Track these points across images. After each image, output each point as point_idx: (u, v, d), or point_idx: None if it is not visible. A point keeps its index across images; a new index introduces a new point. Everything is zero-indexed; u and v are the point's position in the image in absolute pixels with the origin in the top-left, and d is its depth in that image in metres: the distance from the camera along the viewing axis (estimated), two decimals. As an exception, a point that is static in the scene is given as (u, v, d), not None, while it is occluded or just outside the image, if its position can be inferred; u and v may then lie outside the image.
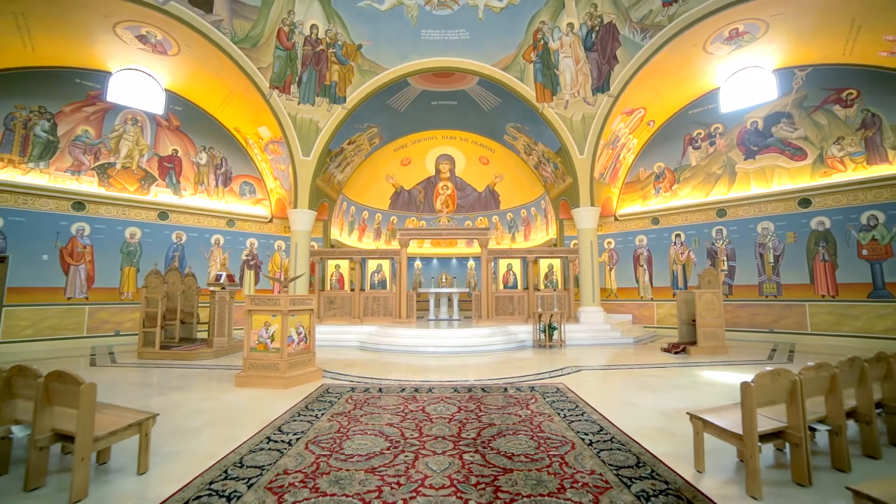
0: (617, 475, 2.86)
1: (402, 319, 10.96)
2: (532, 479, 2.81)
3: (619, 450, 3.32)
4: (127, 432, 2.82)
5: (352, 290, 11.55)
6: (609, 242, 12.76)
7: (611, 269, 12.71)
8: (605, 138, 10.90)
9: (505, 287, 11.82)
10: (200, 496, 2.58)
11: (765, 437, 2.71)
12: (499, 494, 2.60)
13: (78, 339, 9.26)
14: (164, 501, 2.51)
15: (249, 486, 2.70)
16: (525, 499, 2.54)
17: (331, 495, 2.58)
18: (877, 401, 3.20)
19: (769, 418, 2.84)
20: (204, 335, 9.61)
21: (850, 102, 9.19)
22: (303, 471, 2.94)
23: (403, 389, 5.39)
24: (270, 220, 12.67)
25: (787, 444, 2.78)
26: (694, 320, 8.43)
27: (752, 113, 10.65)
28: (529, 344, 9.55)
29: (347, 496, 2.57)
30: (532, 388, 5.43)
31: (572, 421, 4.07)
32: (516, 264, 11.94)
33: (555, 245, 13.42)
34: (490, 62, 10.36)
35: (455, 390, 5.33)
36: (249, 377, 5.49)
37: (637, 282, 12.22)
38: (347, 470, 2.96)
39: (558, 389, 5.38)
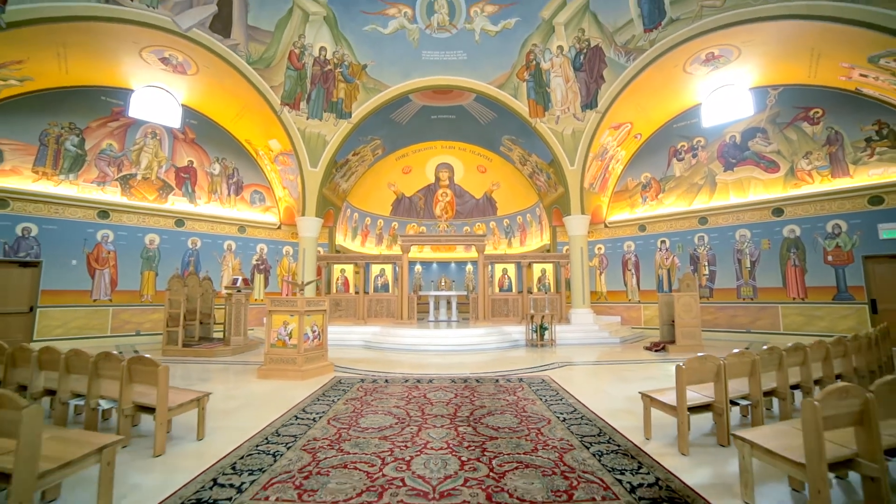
0: (581, 441, 3.58)
1: (404, 320, 11.66)
2: (512, 443, 3.53)
3: (587, 424, 4.04)
4: (190, 405, 3.54)
5: (356, 292, 12.27)
6: (599, 248, 13.49)
7: (601, 274, 13.43)
8: (593, 151, 11.65)
9: (500, 290, 12.55)
10: (251, 454, 3.29)
11: (696, 409, 3.44)
12: (485, 453, 3.32)
13: (103, 339, 9.95)
14: (223, 457, 3.23)
15: (288, 448, 3.42)
16: (505, 455, 3.26)
17: (353, 454, 3.30)
18: (794, 383, 3.93)
19: (701, 395, 3.57)
20: (219, 335, 10.30)
21: (817, 120, 9.95)
22: (328, 438, 3.66)
23: (407, 380, 6.11)
24: (279, 227, 13.39)
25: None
26: (674, 321, 9.15)
27: (730, 128, 11.40)
28: (522, 343, 10.24)
29: (366, 454, 3.29)
30: (520, 380, 6.15)
31: (551, 404, 4.79)
32: (511, 269, 12.67)
33: (548, 251, 14.15)
34: (486, 80, 11.14)
35: (452, 381, 6.04)
36: (270, 370, 6.21)
37: (625, 285, 12.94)
38: (364, 438, 3.67)
39: (543, 381, 6.10)
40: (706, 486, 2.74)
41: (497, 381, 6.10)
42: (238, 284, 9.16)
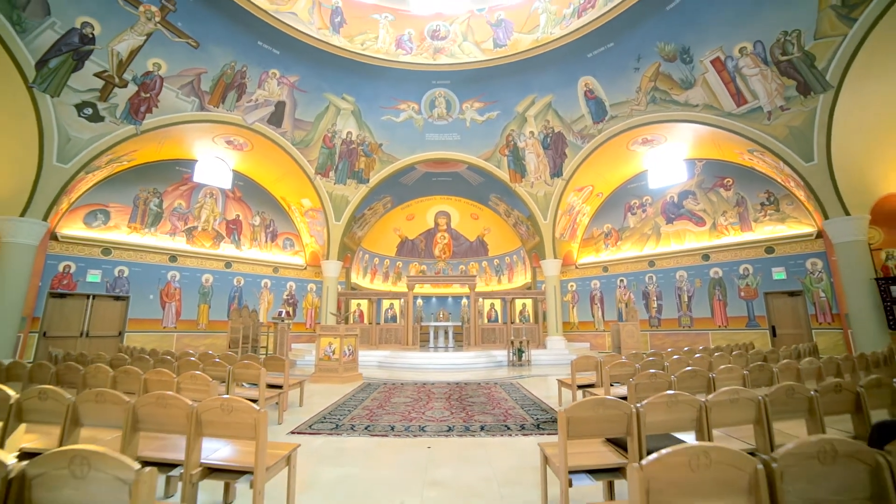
0: (521, 406, 6.18)
1: (409, 346, 14.18)
2: (481, 407, 6.13)
3: (529, 400, 6.64)
4: (297, 385, 6.15)
5: (370, 323, 14.84)
6: (572, 285, 16.19)
7: (573, 307, 16.06)
8: (562, 208, 14.62)
9: (489, 321, 15.16)
10: (335, 411, 5.88)
11: (583, 387, 6.06)
12: (464, 409, 5.93)
13: (169, 359, 12.41)
14: (320, 411, 5.82)
15: (353, 408, 6.01)
16: (476, 411, 5.87)
17: (391, 410, 5.90)
18: (650, 374, 6.54)
19: (588, 379, 6.20)
20: (262, 355, 12.77)
21: (729, 187, 12.95)
22: (374, 406, 6.25)
23: (416, 383, 8.66)
24: (305, 268, 16.12)
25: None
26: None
27: (670, 190, 14.39)
28: (505, 364, 12.75)
29: (398, 411, 5.88)
30: (496, 384, 8.71)
31: (511, 394, 7.37)
32: (498, 303, 15.33)
33: (529, 288, 16.86)
34: (475, 155, 14.25)
35: (448, 384, 8.60)
36: (320, 376, 8.76)
37: (593, 316, 15.56)
38: (395, 405, 6.27)
39: (512, 384, 8.66)
40: (576, 418, 5.35)
41: (479, 384, 8.67)
42: (283, 316, 11.78)
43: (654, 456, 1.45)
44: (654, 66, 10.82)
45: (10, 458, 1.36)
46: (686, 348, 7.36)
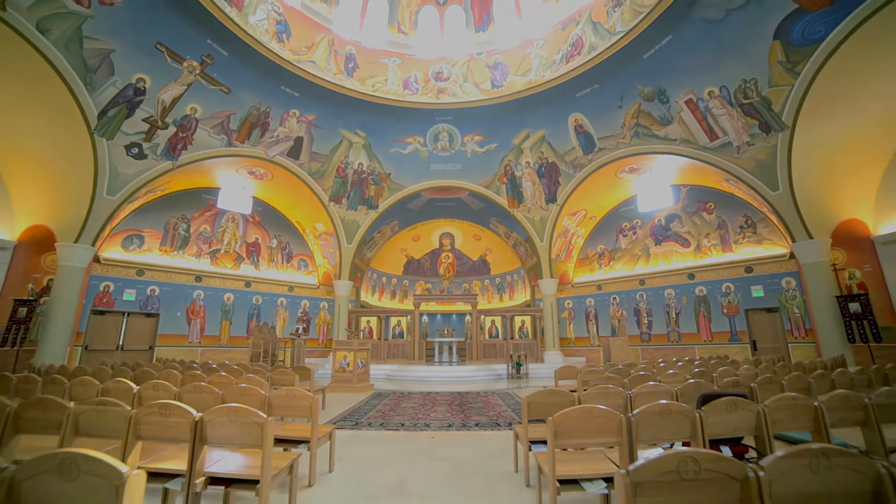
0: (512, 410, 7.13)
1: (416, 360, 15.11)
2: (478, 411, 7.09)
3: (520, 406, 7.57)
4: (319, 391, 7.15)
5: (378, 338, 15.82)
6: (568, 303, 17.11)
7: (570, 323, 16.95)
8: (557, 231, 15.68)
9: (490, 337, 16.07)
10: (353, 413, 6.87)
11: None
12: (463, 411, 6.89)
13: (194, 372, 13.44)
14: (341, 412, 6.80)
15: (369, 411, 6.99)
16: (473, 413, 6.82)
17: (401, 413, 6.87)
18: (626, 382, 7.46)
19: (572, 386, 7.14)
20: (278, 370, 13.76)
21: (711, 211, 13.96)
22: (386, 409, 7.22)
23: (422, 393, 9.61)
24: (318, 287, 17.21)
25: (579, 396, 7.06)
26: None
27: (658, 213, 15.43)
28: (504, 377, 13.63)
29: (407, 413, 6.86)
30: (494, 393, 9.64)
31: (506, 400, 8.31)
32: (498, 320, 16.26)
33: (528, 305, 17.80)
34: (476, 183, 15.44)
35: (450, 393, 9.54)
36: (336, 386, 9.73)
37: (588, 332, 16.42)
38: (404, 409, 7.24)
39: (508, 393, 9.58)
40: (557, 418, 6.31)
41: (478, 393, 9.60)
42: (299, 332, 12.82)
43: (562, 412, 2.47)
44: (636, 105, 12.01)
45: (197, 414, 2.42)
46: (660, 360, 8.28)
